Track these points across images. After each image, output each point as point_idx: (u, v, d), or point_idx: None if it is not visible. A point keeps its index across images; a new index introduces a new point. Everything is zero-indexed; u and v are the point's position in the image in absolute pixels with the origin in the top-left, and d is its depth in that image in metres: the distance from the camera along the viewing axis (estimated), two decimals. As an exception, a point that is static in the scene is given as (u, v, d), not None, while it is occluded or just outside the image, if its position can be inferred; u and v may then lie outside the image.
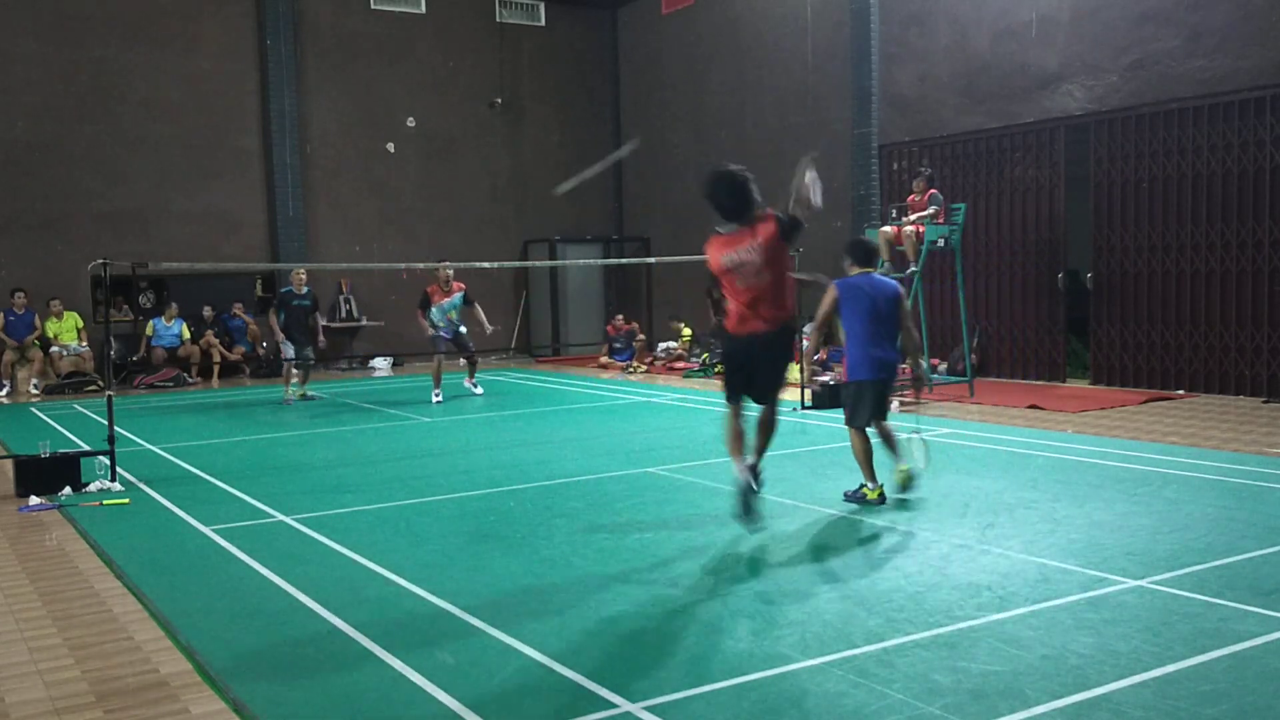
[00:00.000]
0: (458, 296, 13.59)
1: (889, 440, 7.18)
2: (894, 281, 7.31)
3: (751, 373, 6.20)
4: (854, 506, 6.98)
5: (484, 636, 4.68)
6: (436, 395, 13.46)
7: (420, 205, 19.62)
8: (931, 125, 15.01)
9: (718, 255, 6.12)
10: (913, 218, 12.35)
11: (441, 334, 13.56)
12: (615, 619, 4.87)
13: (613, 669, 4.25)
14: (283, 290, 13.66)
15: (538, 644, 4.54)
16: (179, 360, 16.45)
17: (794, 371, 7.14)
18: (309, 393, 14.09)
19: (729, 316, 6.25)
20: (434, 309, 13.49)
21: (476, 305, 13.88)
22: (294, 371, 13.68)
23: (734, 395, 6.29)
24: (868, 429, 7.11)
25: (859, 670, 4.16)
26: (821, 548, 6.01)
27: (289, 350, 13.43)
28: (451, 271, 13.69)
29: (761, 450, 6.28)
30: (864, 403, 7.04)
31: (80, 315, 16.29)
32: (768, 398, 6.26)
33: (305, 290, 13.51)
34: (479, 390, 14.16)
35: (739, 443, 6.14)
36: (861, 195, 15.96)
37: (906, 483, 7.09)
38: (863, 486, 7.06)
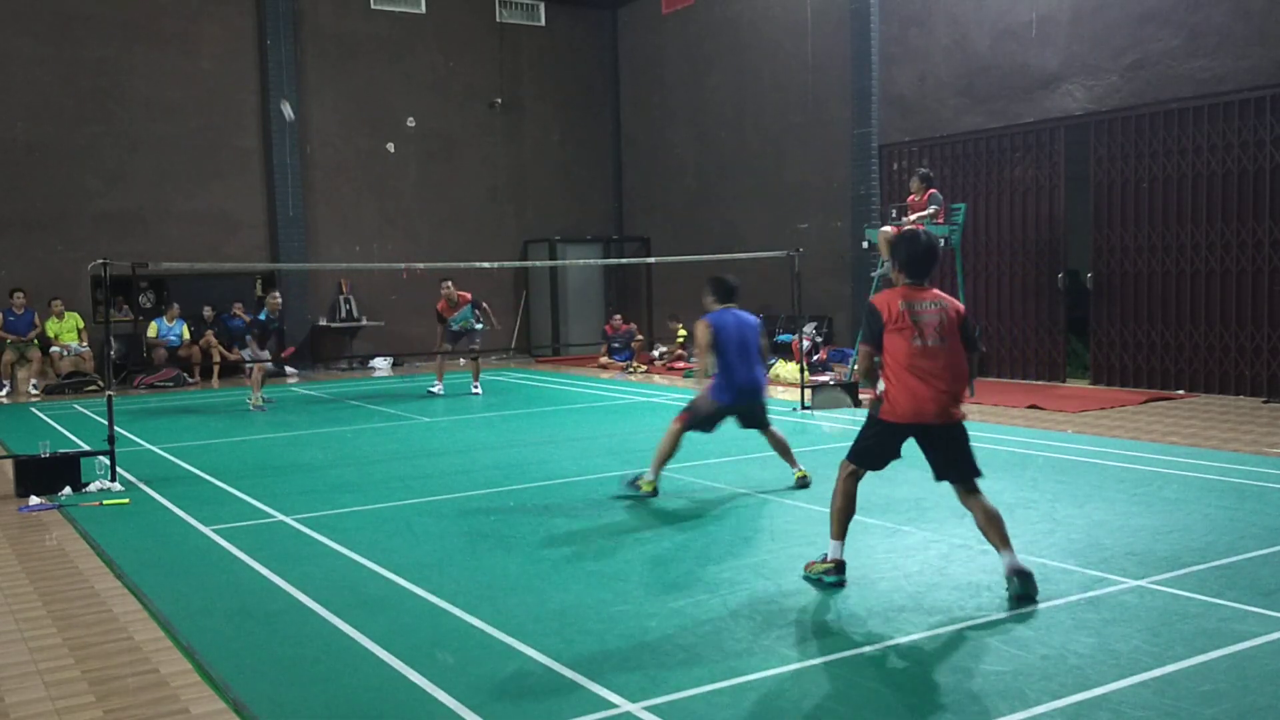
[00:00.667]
0: (467, 308, 14.16)
1: (783, 448, 7.78)
2: (753, 316, 7.81)
3: (948, 455, 5.26)
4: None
5: (484, 636, 4.68)
6: (437, 387, 14.23)
7: (420, 205, 19.62)
8: (931, 125, 15.01)
9: (895, 301, 5.17)
10: (913, 217, 12.35)
11: (455, 326, 14.18)
12: (615, 619, 4.87)
13: (613, 669, 4.25)
14: (261, 318, 13.59)
15: (538, 644, 4.53)
16: (179, 360, 16.45)
17: (793, 371, 7.30)
18: (265, 397, 13.55)
19: (899, 395, 5.14)
20: (449, 321, 14.17)
21: (485, 305, 14.50)
22: (262, 376, 13.57)
23: (876, 462, 5.37)
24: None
25: (859, 670, 4.16)
26: (821, 548, 6.00)
27: (252, 353, 13.53)
28: (451, 285, 14.17)
29: (1006, 539, 5.21)
30: (713, 420, 7.58)
31: (80, 315, 16.29)
32: (972, 474, 5.30)
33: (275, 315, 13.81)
34: (478, 390, 14.35)
35: (848, 517, 5.39)
36: (861, 195, 15.96)
37: (803, 483, 7.69)
38: (640, 477, 7.56)
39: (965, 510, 6.73)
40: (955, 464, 5.26)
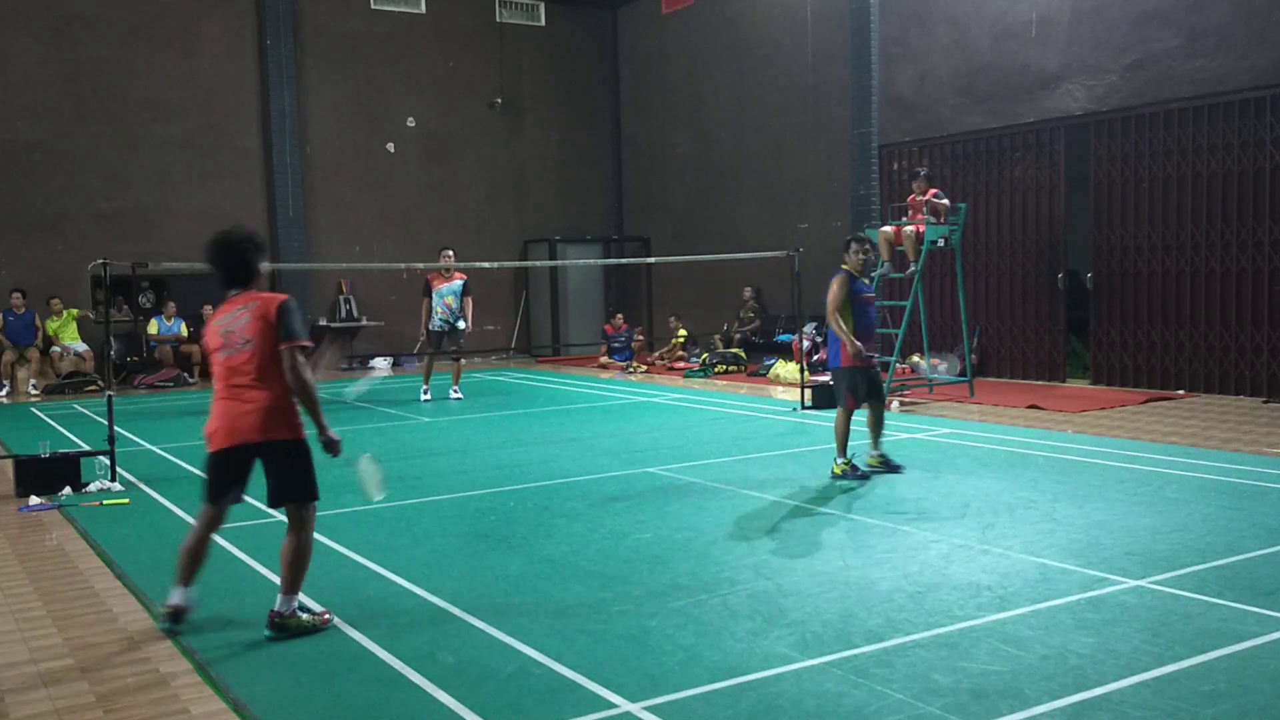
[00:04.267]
0: (457, 283, 13.49)
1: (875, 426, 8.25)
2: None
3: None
4: (852, 506, 6.99)
5: (484, 636, 4.68)
6: (425, 393, 13.63)
7: (420, 205, 19.62)
8: (931, 125, 15.00)
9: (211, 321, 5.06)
10: (927, 199, 12.27)
11: (439, 322, 13.43)
12: (615, 619, 4.87)
13: (613, 669, 4.25)
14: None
15: (538, 644, 4.54)
16: (180, 360, 16.47)
17: (793, 370, 7.34)
18: None
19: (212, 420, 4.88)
20: (434, 294, 13.44)
21: (469, 299, 13.69)
22: None
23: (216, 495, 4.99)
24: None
25: (859, 670, 4.16)
26: (821, 548, 6.02)
27: None
28: (453, 255, 13.59)
29: (294, 582, 4.89)
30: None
31: (78, 307, 16.24)
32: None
33: None
34: (458, 395, 13.70)
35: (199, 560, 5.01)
36: (861, 195, 15.96)
37: (884, 466, 8.13)
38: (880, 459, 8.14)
39: (964, 510, 6.76)
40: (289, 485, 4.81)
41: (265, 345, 4.74)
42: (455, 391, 13.79)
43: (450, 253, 13.70)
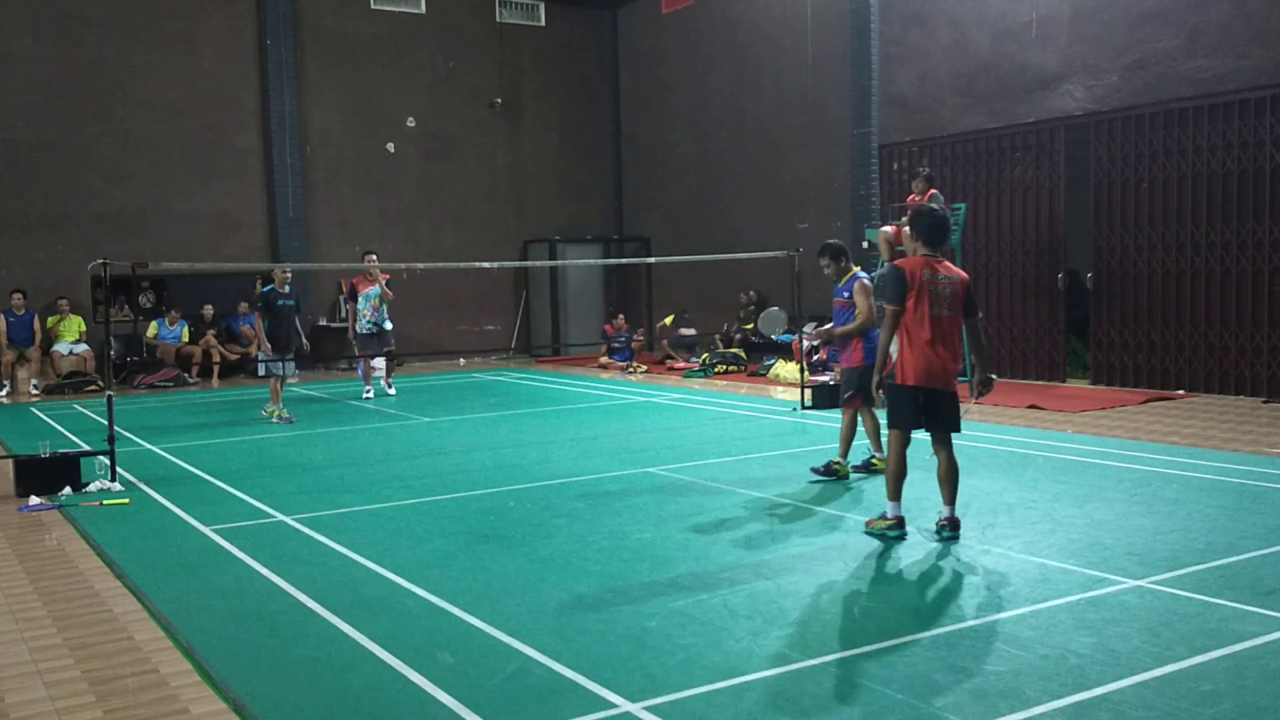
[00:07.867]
0: (377, 288, 13.95)
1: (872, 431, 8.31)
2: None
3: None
4: (852, 506, 6.99)
5: (484, 636, 4.68)
6: (367, 393, 14.05)
7: (420, 205, 19.62)
8: (931, 125, 15.00)
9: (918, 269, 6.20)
10: (925, 200, 12.32)
11: (366, 325, 13.93)
12: (615, 619, 4.87)
13: (613, 669, 4.25)
14: (265, 290, 12.25)
15: (538, 644, 4.54)
16: (179, 359, 16.48)
17: (793, 371, 7.34)
18: (283, 413, 12.05)
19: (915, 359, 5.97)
20: (360, 297, 13.94)
21: (390, 293, 14.17)
22: (281, 385, 12.27)
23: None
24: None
25: (859, 670, 4.16)
26: (822, 548, 6.02)
27: (282, 363, 12.11)
28: (375, 258, 14.07)
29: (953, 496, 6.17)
30: None
31: (83, 319, 16.25)
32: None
33: (288, 289, 12.22)
34: (393, 391, 14.35)
35: (901, 479, 6.22)
36: (861, 195, 15.96)
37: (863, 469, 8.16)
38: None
39: (964, 510, 6.77)
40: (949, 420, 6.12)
41: (960, 314, 6.09)
42: (390, 388, 14.41)
43: (373, 256, 14.11)
